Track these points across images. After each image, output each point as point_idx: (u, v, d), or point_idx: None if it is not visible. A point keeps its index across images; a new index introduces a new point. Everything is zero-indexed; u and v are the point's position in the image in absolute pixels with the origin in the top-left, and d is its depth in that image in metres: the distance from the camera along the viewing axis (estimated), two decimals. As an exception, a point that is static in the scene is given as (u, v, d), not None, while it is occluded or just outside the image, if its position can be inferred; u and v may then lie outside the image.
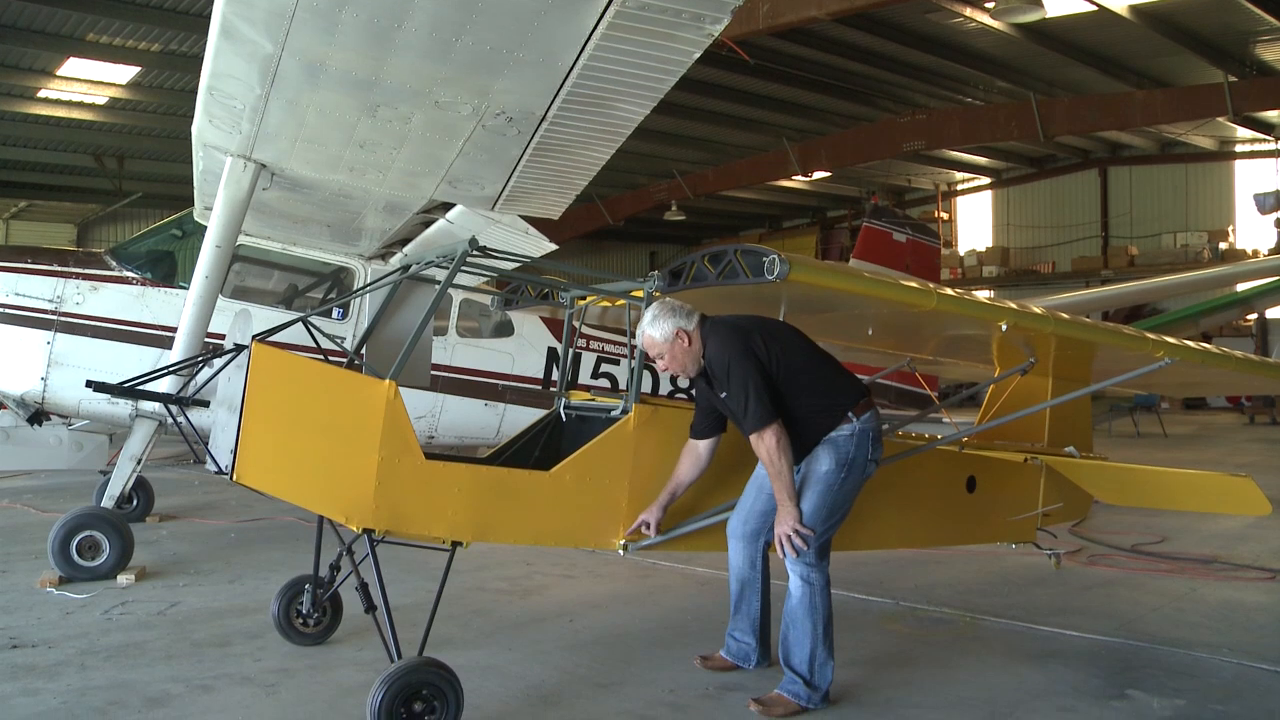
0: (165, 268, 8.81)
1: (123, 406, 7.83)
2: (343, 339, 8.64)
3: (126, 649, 5.14)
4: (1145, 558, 7.97)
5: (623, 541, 4.66)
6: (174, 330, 7.34)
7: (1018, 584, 7.03)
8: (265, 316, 7.85)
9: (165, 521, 9.10)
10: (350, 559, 4.72)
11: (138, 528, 7.87)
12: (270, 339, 4.19)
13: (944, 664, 5.15)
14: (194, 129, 6.50)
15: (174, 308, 8.25)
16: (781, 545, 4.36)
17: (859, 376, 4.83)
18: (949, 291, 4.77)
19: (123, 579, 6.62)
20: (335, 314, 9.00)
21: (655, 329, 4.47)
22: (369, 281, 8.86)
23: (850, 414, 4.47)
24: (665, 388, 10.48)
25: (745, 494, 4.83)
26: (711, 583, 6.83)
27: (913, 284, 4.75)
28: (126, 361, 8.06)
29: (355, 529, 4.06)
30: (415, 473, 4.08)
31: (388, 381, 4.02)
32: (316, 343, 5.19)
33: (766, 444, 4.27)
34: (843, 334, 6.35)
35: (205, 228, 7.23)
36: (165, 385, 6.91)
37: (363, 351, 5.15)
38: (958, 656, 5.29)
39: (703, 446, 4.71)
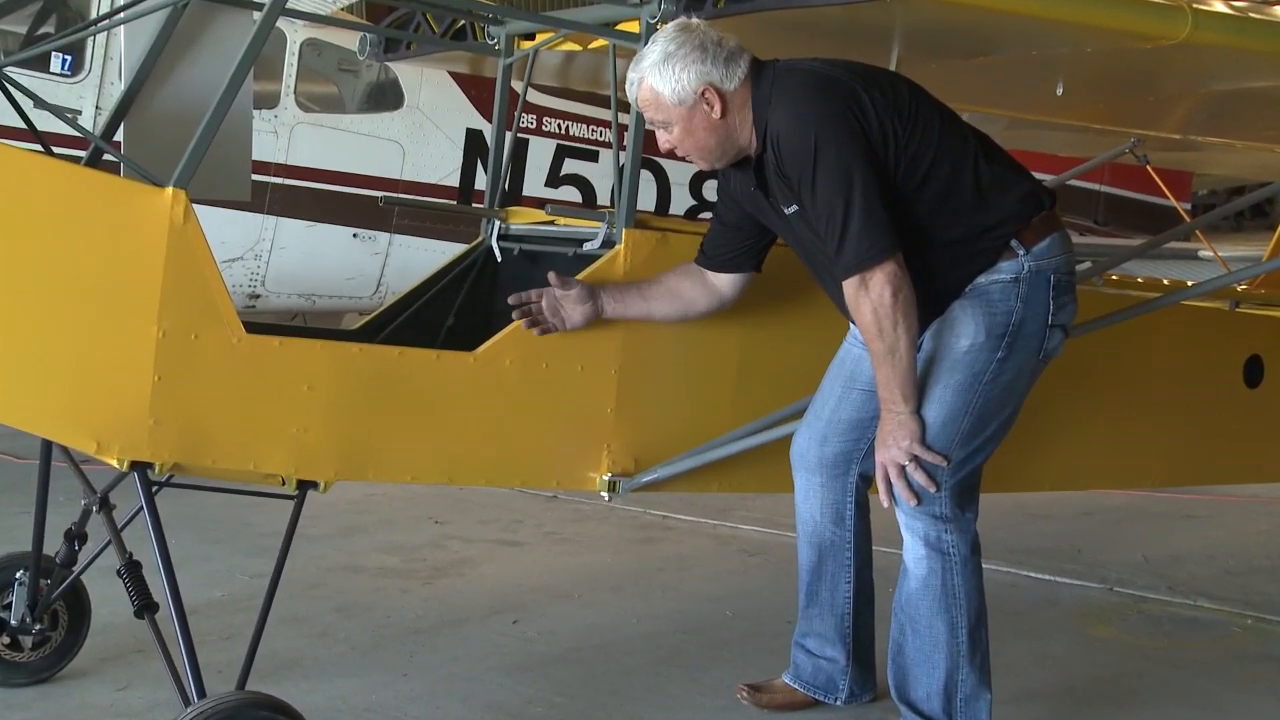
0: None
1: None
2: (77, 113, 8.61)
3: None
4: None
5: (608, 477, 4.73)
6: None
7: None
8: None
9: None
10: (107, 520, 4.74)
11: None
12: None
13: (1204, 701, 5.23)
14: None
15: None
16: (890, 484, 4.40)
17: (1035, 175, 4.80)
18: (1219, 7, 4.71)
19: None
20: (59, 64, 8.97)
21: (662, 78, 4.34)
22: (122, 4, 8.74)
23: (1015, 242, 4.44)
24: (683, 203, 10.47)
25: (823, 391, 4.86)
26: (766, 550, 6.99)
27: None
28: None
29: (116, 464, 4.06)
30: (229, 358, 4.08)
31: (169, 189, 3.97)
32: (26, 120, 5.13)
33: (874, 296, 4.22)
34: (1007, 98, 6.35)
35: None
36: None
37: (118, 136, 5.11)
38: (1230, 691, 5.36)
39: (712, 284, 4.73)
